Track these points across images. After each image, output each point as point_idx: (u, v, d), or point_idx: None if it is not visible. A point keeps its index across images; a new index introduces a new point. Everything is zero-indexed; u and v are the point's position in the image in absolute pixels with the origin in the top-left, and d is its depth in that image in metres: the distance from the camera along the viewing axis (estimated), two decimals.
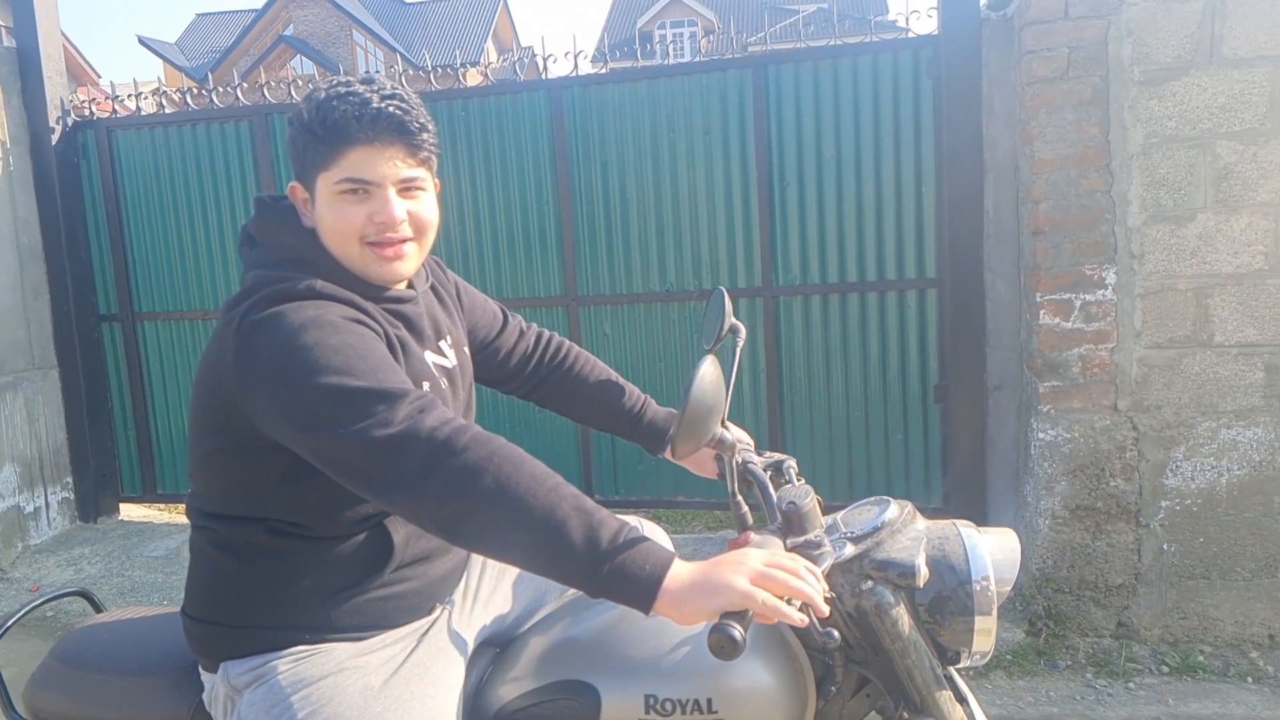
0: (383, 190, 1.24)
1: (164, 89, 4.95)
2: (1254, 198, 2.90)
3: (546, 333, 1.72)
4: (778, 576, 1.01)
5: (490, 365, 1.64)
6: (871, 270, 3.75)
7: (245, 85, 4.49)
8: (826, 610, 1.04)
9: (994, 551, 1.20)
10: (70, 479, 4.63)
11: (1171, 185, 2.95)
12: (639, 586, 1.01)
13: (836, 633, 1.05)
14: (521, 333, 1.69)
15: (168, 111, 4.57)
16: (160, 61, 33.89)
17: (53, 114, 4.43)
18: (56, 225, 4.46)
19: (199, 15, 38.33)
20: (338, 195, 1.24)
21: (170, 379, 4.63)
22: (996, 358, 3.54)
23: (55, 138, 4.44)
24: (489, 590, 1.47)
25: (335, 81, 1.25)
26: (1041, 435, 3.10)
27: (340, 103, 1.21)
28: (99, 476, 4.68)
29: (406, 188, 1.26)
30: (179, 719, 1.33)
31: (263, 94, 4.45)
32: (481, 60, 31.65)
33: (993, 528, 1.27)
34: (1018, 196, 3.36)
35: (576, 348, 1.71)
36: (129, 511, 4.88)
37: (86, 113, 4.57)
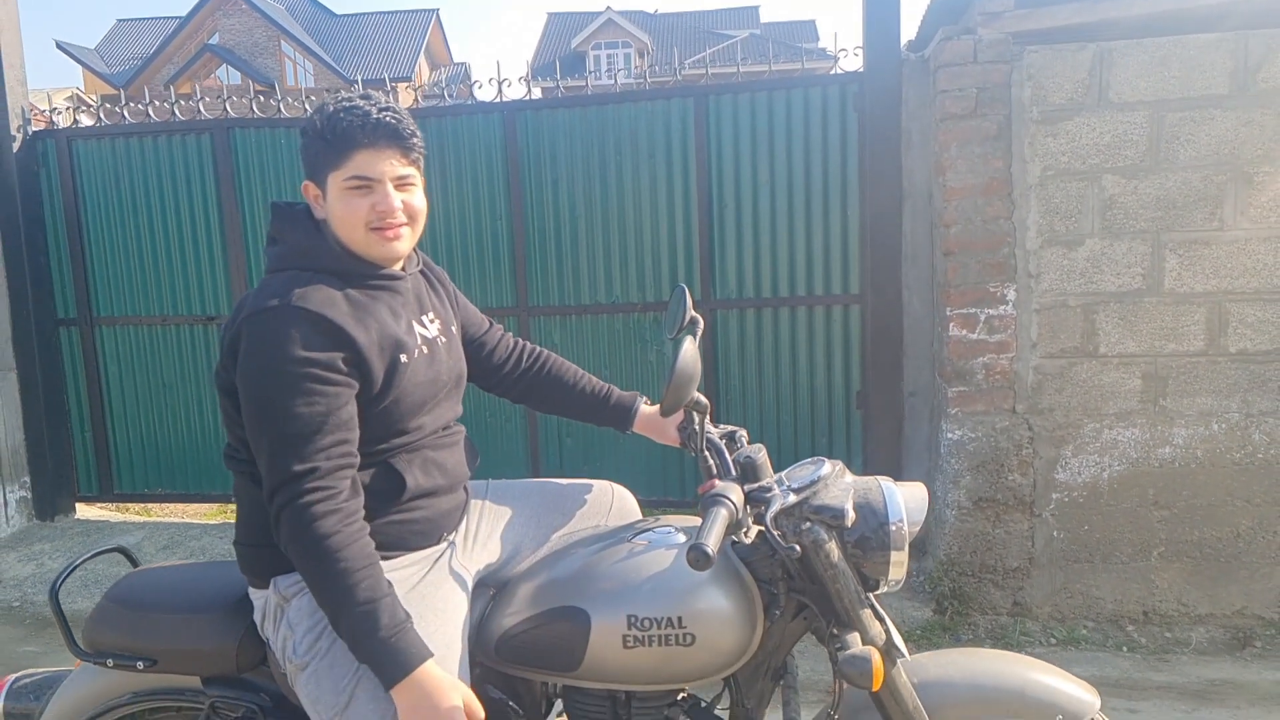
0: (383, 185, 1.52)
1: (131, 99, 5.06)
2: (1134, 226, 3.31)
3: (524, 341, 2.01)
4: None
5: (478, 360, 1.92)
6: (801, 286, 4.10)
7: (208, 99, 4.65)
8: None
9: (907, 499, 1.48)
10: (28, 478, 4.72)
11: (1064, 213, 3.35)
12: (392, 669, 1.34)
13: (799, 547, 1.37)
14: (503, 335, 1.99)
15: (129, 122, 4.69)
16: (79, 67, 33.05)
17: (14, 122, 4.54)
18: (17, 231, 4.56)
19: (119, 21, 37.45)
20: (346, 190, 1.52)
21: (128, 382, 4.74)
22: (912, 367, 3.91)
23: (16, 145, 4.54)
24: (485, 535, 1.74)
25: (340, 97, 1.54)
26: (949, 435, 3.47)
27: (346, 114, 1.50)
28: (56, 476, 4.76)
29: (401, 183, 1.55)
30: (227, 647, 1.56)
31: (225, 108, 4.62)
32: (414, 76, 31.57)
33: (906, 482, 1.56)
34: (931, 221, 3.73)
35: (549, 352, 2.00)
36: (84, 511, 4.97)
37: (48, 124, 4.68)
